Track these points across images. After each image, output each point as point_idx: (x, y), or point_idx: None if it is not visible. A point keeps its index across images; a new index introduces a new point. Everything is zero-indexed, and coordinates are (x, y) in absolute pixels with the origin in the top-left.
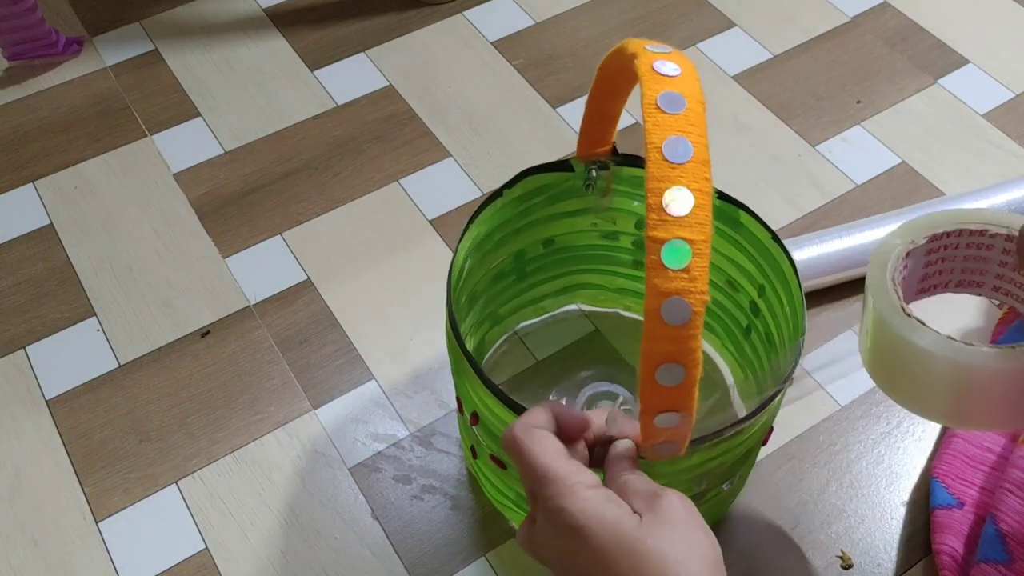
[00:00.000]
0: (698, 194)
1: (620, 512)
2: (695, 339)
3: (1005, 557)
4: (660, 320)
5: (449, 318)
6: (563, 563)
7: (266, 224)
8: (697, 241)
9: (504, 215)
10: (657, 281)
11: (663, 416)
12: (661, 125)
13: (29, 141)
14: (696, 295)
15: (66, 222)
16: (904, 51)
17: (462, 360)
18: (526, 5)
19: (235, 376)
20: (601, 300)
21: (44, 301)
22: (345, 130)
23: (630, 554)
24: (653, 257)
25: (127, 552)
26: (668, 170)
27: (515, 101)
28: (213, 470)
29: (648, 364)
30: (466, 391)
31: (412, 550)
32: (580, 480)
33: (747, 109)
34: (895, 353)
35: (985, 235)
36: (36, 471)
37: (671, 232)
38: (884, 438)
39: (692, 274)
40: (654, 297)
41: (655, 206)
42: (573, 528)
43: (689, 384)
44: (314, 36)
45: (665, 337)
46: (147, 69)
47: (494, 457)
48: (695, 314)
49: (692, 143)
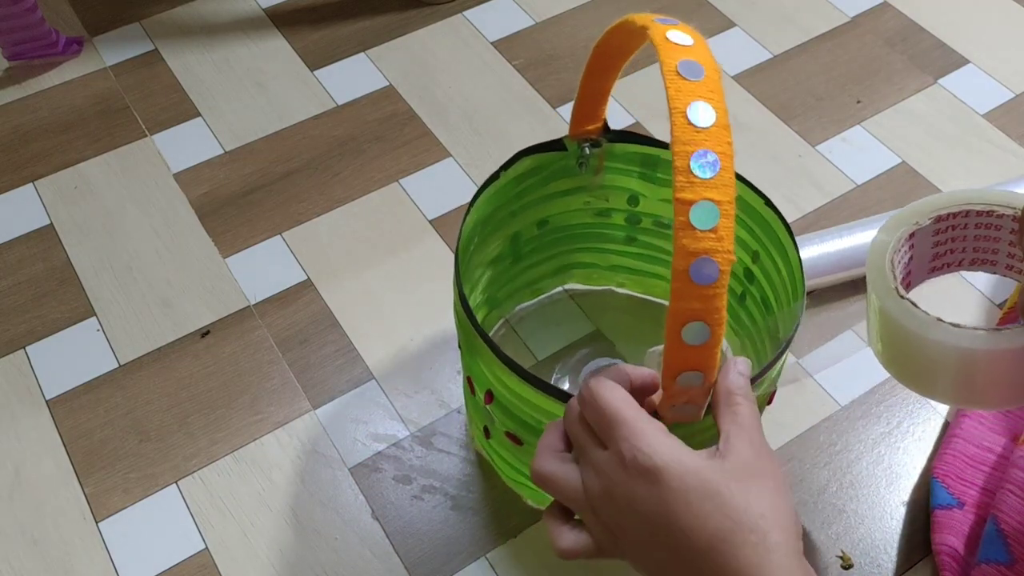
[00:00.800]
0: (723, 157)
1: (698, 456)
2: (721, 298)
3: (1006, 557)
4: (688, 279)
5: (460, 298)
6: (631, 503)
7: (266, 224)
8: (723, 202)
9: (501, 197)
10: (686, 241)
11: (686, 375)
12: (684, 91)
13: (29, 141)
14: (723, 254)
15: (66, 222)
16: (904, 51)
17: (475, 339)
18: (526, 5)
19: (235, 376)
20: (594, 279)
21: (44, 301)
22: (345, 130)
23: (716, 496)
24: (682, 218)
25: (127, 552)
26: (693, 134)
27: (515, 101)
28: (213, 470)
29: (675, 323)
30: (479, 370)
31: (412, 550)
32: (653, 425)
33: (747, 109)
34: (896, 338)
35: (992, 215)
36: (36, 471)
37: (699, 194)
38: (884, 438)
39: (719, 234)
40: (683, 257)
41: (682, 168)
42: (649, 469)
43: (713, 343)
44: (314, 36)
45: (693, 296)
46: (147, 69)
47: (510, 434)
48: (722, 273)
49: (714, 108)
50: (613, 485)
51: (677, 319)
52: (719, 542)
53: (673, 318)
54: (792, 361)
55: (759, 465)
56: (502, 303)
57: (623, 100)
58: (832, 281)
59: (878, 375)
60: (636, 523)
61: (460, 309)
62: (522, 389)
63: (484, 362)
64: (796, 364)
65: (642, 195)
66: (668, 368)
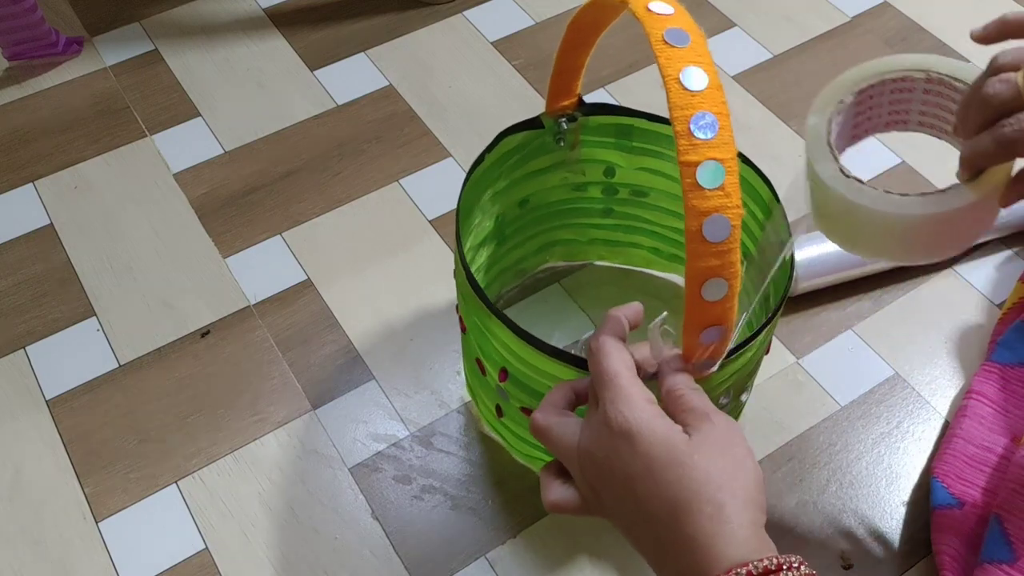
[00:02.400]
0: (720, 117)
1: (671, 427)
2: (736, 252)
3: (1009, 556)
4: (703, 238)
5: (468, 280)
6: (609, 460)
7: (266, 224)
8: (727, 159)
9: (487, 180)
10: (696, 202)
11: (708, 332)
12: (674, 58)
13: (29, 141)
14: (733, 210)
15: (66, 222)
16: (904, 51)
17: (488, 318)
18: (526, 5)
19: (235, 376)
20: (574, 254)
21: (44, 301)
22: (345, 130)
23: (678, 465)
24: (689, 180)
25: (127, 552)
26: (689, 98)
27: (515, 101)
28: (213, 470)
29: (694, 282)
30: (492, 349)
31: (412, 550)
32: (640, 392)
33: (747, 109)
34: (845, 214)
35: (906, 81)
36: (36, 471)
37: (703, 154)
38: (884, 438)
39: (727, 190)
40: (695, 217)
41: (683, 132)
42: (627, 431)
43: (731, 296)
44: (314, 36)
45: (709, 254)
46: (147, 69)
47: (526, 409)
48: (734, 228)
49: (705, 71)
50: (597, 443)
51: (696, 278)
52: (678, 510)
53: (693, 278)
54: (792, 361)
55: (722, 438)
56: (490, 286)
57: (622, 100)
58: (832, 281)
59: (878, 375)
60: (612, 483)
61: (470, 291)
62: (540, 361)
63: (498, 340)
64: (796, 364)
65: (618, 165)
66: (690, 326)
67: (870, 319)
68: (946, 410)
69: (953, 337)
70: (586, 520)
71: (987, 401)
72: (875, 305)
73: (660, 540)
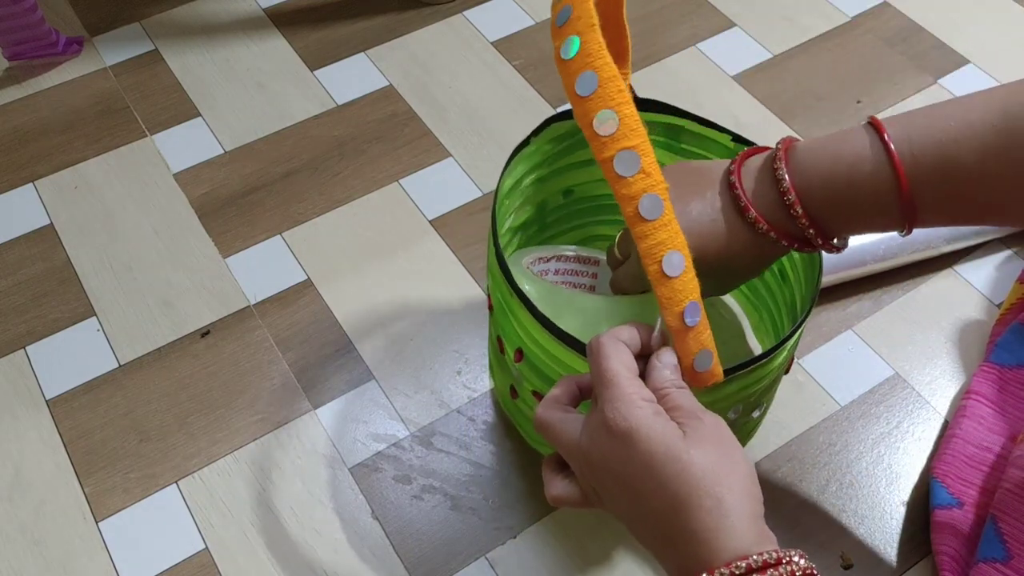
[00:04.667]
0: (619, 108)
1: (668, 426)
2: (675, 223)
3: (1004, 555)
4: (641, 218)
5: (497, 256)
6: (608, 460)
7: (266, 224)
8: (638, 145)
9: (531, 162)
10: (624, 191)
11: (689, 307)
12: (564, 70)
13: (29, 141)
14: (660, 187)
15: (66, 222)
16: (904, 51)
17: (510, 297)
18: (526, 5)
19: (235, 376)
20: None
21: (44, 301)
22: (345, 130)
23: (675, 461)
24: (610, 175)
25: (127, 552)
26: (586, 103)
27: (515, 101)
28: (213, 470)
29: (652, 261)
30: (511, 328)
31: (412, 550)
32: (639, 392)
33: (747, 109)
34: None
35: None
36: (36, 471)
37: (613, 149)
38: (884, 438)
39: (647, 170)
40: (627, 203)
41: (590, 136)
42: (625, 430)
43: (690, 268)
44: (314, 36)
45: (655, 229)
46: (147, 69)
47: (537, 393)
48: (666, 203)
49: (595, 72)
50: (596, 443)
51: (654, 256)
52: (678, 505)
53: (649, 258)
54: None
55: (714, 435)
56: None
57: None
58: (832, 281)
59: (878, 375)
60: (613, 481)
61: (496, 267)
62: (553, 347)
63: (517, 320)
64: (796, 364)
65: (664, 164)
66: (667, 309)
67: (870, 319)
68: (946, 410)
69: (953, 337)
70: (586, 520)
71: (986, 401)
72: (875, 305)
73: (662, 535)
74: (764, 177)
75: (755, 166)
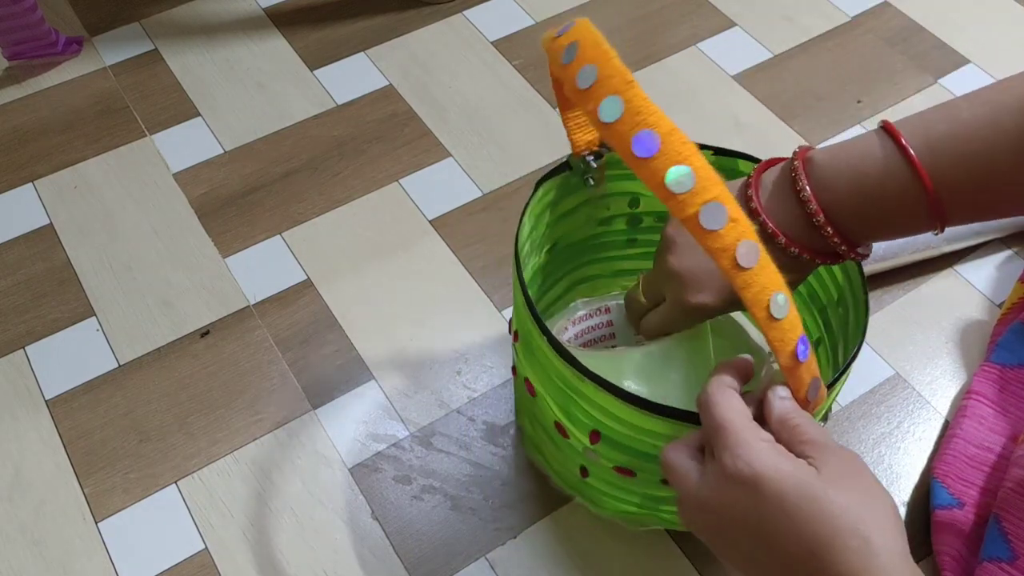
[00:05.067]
0: (688, 161)
1: (797, 463)
2: (771, 263)
3: (1008, 554)
4: (740, 268)
5: (555, 350)
6: (730, 510)
7: (266, 224)
8: (718, 195)
9: (526, 232)
10: (715, 245)
11: (799, 345)
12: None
13: (29, 141)
14: (749, 231)
15: (66, 222)
16: (904, 51)
17: (581, 382)
18: (526, 5)
19: (235, 376)
20: (599, 288)
21: (44, 301)
22: (345, 130)
23: (811, 501)
24: (697, 231)
25: (127, 552)
26: (651, 164)
27: (515, 101)
28: (213, 470)
29: (760, 308)
30: (581, 411)
31: (412, 550)
32: (756, 434)
33: (747, 109)
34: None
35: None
36: (36, 471)
37: (695, 205)
38: (884, 438)
39: (734, 217)
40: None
41: (666, 197)
42: (749, 477)
43: (792, 302)
44: (314, 36)
45: (755, 275)
46: (147, 69)
47: (621, 468)
48: (759, 245)
49: (620, 97)
50: (716, 493)
51: (762, 297)
52: (819, 548)
53: (756, 305)
54: None
55: (850, 468)
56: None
57: None
58: None
59: (878, 375)
60: (737, 530)
61: (557, 360)
62: (641, 420)
63: (588, 402)
64: None
65: (642, 195)
66: (781, 354)
67: (870, 319)
68: (946, 410)
69: (953, 337)
70: (586, 520)
71: (987, 401)
72: (875, 305)
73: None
74: (784, 195)
75: (771, 183)
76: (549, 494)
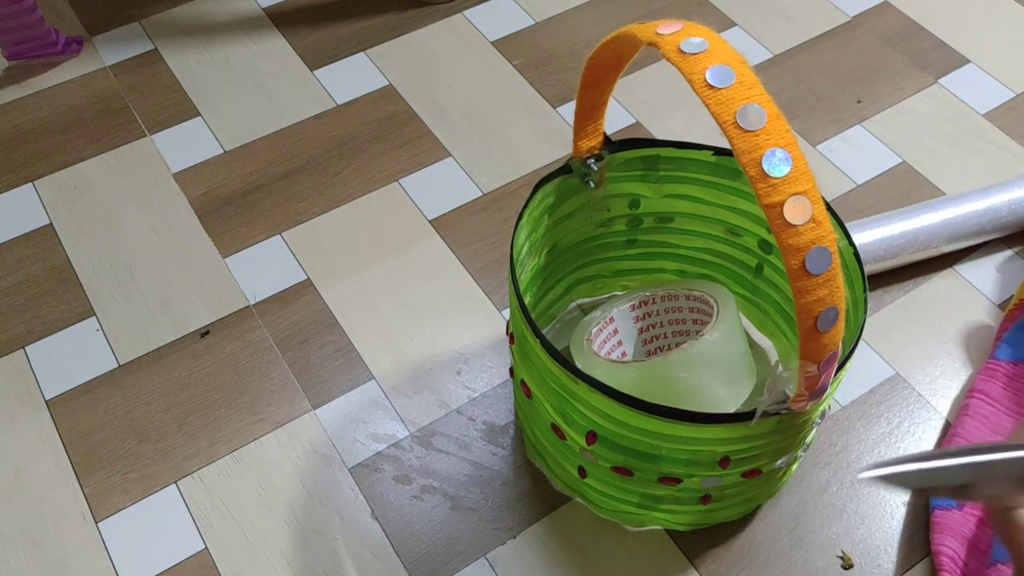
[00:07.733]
0: (790, 148)
1: None
2: (839, 277)
3: None
4: (806, 273)
5: (548, 352)
6: None
7: (266, 224)
8: (809, 190)
9: (524, 234)
10: (791, 240)
11: (827, 361)
12: (724, 101)
13: (29, 141)
14: (828, 238)
15: (66, 222)
16: (904, 51)
17: (576, 384)
18: (526, 5)
19: (235, 376)
20: (599, 289)
21: (44, 301)
22: (345, 130)
23: None
24: (777, 221)
25: (127, 552)
26: (752, 139)
27: (515, 101)
28: (213, 470)
29: (808, 316)
30: (578, 413)
31: (412, 550)
32: None
33: None
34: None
35: (671, 297)
36: (36, 471)
37: (784, 192)
38: (884, 438)
39: (817, 220)
40: (793, 254)
41: (758, 176)
42: None
43: (841, 321)
44: (314, 36)
45: (816, 286)
46: (147, 69)
47: (618, 468)
48: (833, 254)
49: (760, 104)
50: None
51: (811, 312)
52: None
53: (805, 313)
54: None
55: None
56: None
57: (623, 100)
58: None
59: (878, 375)
60: None
61: (551, 362)
62: (638, 420)
63: (584, 404)
64: None
65: (643, 196)
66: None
67: (870, 319)
68: (947, 410)
69: (954, 337)
70: (586, 520)
71: (989, 400)
72: (875, 305)
73: None
74: None
75: None
76: (548, 494)
